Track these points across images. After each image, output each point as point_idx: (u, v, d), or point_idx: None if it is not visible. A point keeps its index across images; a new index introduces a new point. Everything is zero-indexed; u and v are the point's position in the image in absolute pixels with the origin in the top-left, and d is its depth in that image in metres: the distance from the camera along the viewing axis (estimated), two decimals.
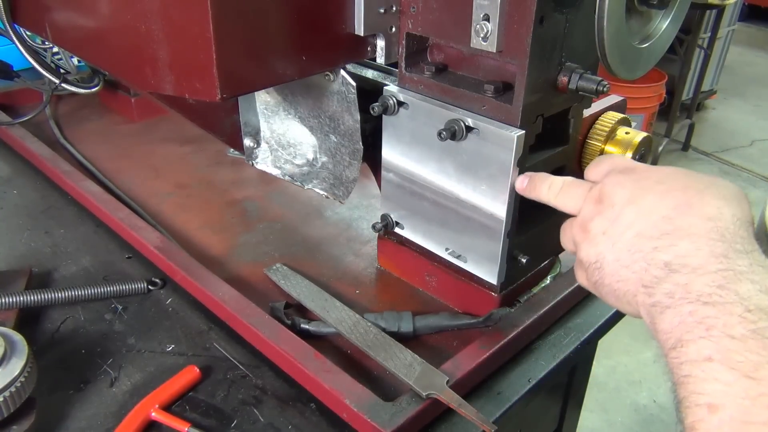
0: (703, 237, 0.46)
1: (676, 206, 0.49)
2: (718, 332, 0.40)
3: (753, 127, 4.19)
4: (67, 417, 0.68)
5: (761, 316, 0.40)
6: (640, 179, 0.53)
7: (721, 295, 0.42)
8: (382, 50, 0.78)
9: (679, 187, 0.50)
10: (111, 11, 0.74)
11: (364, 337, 0.74)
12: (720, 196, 0.49)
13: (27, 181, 1.11)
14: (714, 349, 0.40)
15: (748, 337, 0.39)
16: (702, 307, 0.42)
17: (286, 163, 0.97)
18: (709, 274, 0.43)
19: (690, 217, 0.47)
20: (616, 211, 0.52)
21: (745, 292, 0.41)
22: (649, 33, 0.71)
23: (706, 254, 0.45)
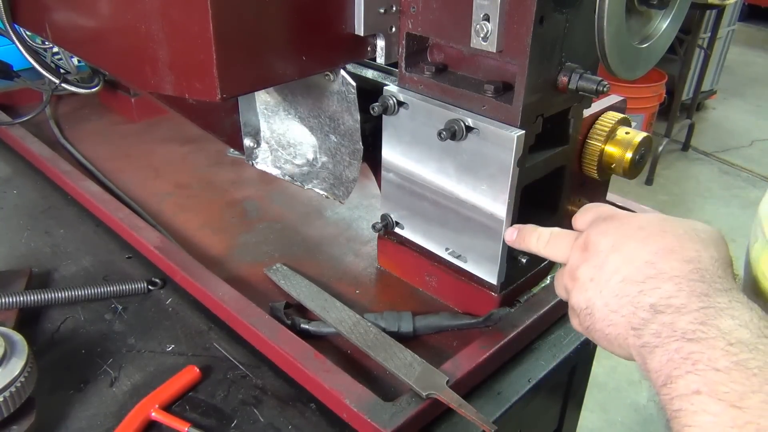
0: (684, 279, 0.48)
1: (657, 251, 0.51)
2: (704, 366, 0.42)
3: (753, 127, 4.19)
4: (67, 417, 0.68)
5: (742, 348, 0.42)
6: (622, 226, 0.55)
7: (704, 331, 0.44)
8: (382, 50, 0.78)
9: (659, 232, 0.53)
10: (111, 11, 0.74)
11: (364, 337, 0.74)
12: (698, 240, 0.51)
13: (27, 181, 1.11)
14: (701, 383, 0.42)
15: (731, 369, 0.41)
16: (687, 344, 0.44)
17: (286, 163, 0.97)
18: (692, 313, 0.46)
19: (671, 261, 0.50)
20: (601, 258, 0.54)
21: (726, 327, 0.43)
22: (649, 33, 0.71)
23: (688, 294, 0.47)
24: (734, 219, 3.17)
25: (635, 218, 0.56)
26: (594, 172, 0.81)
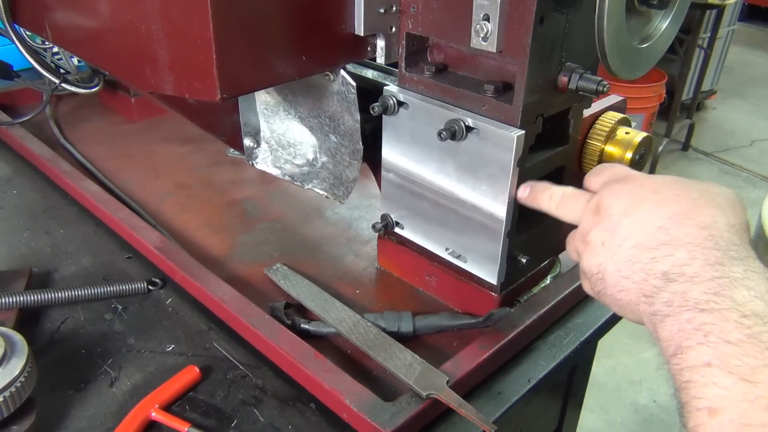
0: (698, 246, 0.47)
1: (671, 216, 0.50)
2: (716, 338, 0.41)
3: (753, 127, 4.19)
4: (67, 417, 0.68)
5: (756, 321, 0.41)
6: (636, 188, 0.54)
7: (717, 302, 0.43)
8: (382, 50, 0.78)
9: (674, 196, 0.51)
10: (111, 11, 0.74)
11: (364, 337, 0.74)
12: (714, 204, 0.50)
13: (27, 181, 1.11)
14: (712, 355, 0.41)
15: (744, 342, 0.40)
16: (699, 314, 0.43)
17: (286, 163, 0.97)
18: (705, 282, 0.44)
19: (685, 226, 0.48)
20: (613, 222, 0.53)
21: (741, 298, 0.42)
22: (649, 33, 0.71)
23: (702, 263, 0.46)
24: None
25: (650, 180, 0.54)
26: None
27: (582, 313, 0.83)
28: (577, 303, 0.84)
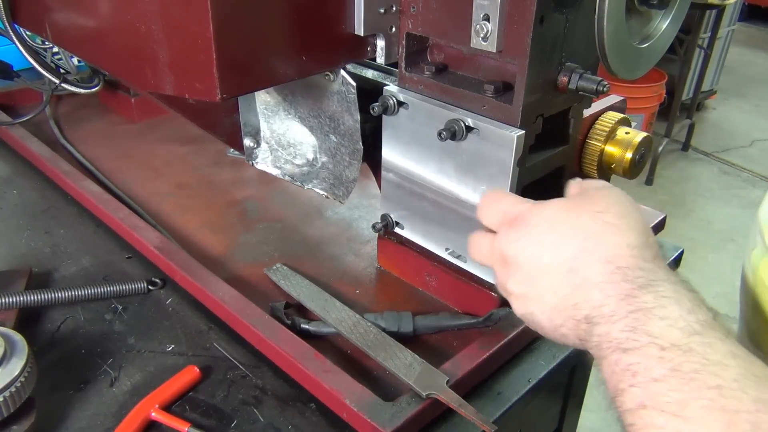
0: (608, 283, 0.47)
1: (575, 256, 0.49)
2: (643, 377, 0.41)
3: (753, 127, 4.19)
4: (67, 417, 0.68)
5: (676, 352, 0.41)
6: (530, 232, 0.53)
7: (636, 339, 0.43)
8: (382, 50, 0.78)
9: (569, 232, 0.51)
10: (111, 11, 0.74)
11: (364, 337, 0.74)
12: (609, 230, 0.49)
13: (27, 181, 1.11)
14: (644, 396, 0.41)
15: (669, 376, 0.40)
16: (623, 355, 0.43)
17: (286, 163, 0.97)
18: (622, 320, 0.45)
19: (591, 264, 0.48)
20: (525, 273, 0.53)
21: (657, 331, 0.43)
22: (649, 33, 0.71)
23: (616, 299, 0.46)
24: (734, 219, 3.17)
25: (541, 219, 0.53)
26: (594, 172, 0.81)
27: None
28: None
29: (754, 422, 0.37)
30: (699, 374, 0.40)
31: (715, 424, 0.37)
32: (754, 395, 0.38)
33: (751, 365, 0.40)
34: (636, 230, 0.49)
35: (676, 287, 0.46)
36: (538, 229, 0.53)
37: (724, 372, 0.39)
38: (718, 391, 0.38)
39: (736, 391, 0.38)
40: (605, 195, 0.53)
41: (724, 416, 0.37)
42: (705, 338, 0.42)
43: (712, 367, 0.40)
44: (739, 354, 0.41)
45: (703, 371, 0.40)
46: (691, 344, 0.41)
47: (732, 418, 0.37)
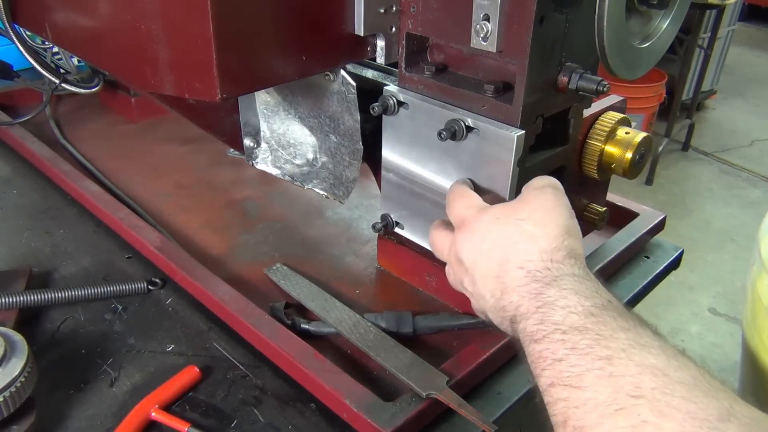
0: (523, 287, 0.54)
1: (500, 263, 0.56)
2: (550, 361, 0.47)
3: (753, 127, 4.18)
4: (67, 417, 0.68)
5: (574, 333, 0.47)
6: (471, 239, 0.60)
7: (543, 329, 0.49)
8: (382, 50, 0.78)
9: (497, 241, 0.58)
10: (111, 11, 0.74)
11: (364, 337, 0.74)
12: (526, 237, 0.56)
13: (27, 181, 1.11)
14: (552, 376, 0.47)
15: (569, 355, 0.46)
16: (536, 345, 0.50)
17: (286, 163, 0.97)
18: (533, 315, 0.51)
19: (510, 272, 0.55)
20: (470, 275, 0.60)
21: (559, 319, 0.49)
22: (649, 33, 0.71)
23: (528, 300, 0.53)
24: (734, 219, 3.17)
25: (479, 226, 0.60)
26: (594, 172, 0.81)
27: None
28: None
29: (636, 384, 0.42)
30: (592, 348, 0.45)
31: (604, 389, 0.43)
32: (637, 361, 0.43)
33: (639, 337, 0.46)
34: (550, 235, 0.56)
35: (577, 279, 0.52)
36: (476, 236, 0.60)
37: (613, 344, 0.45)
38: (608, 360, 0.44)
39: (623, 360, 0.44)
40: (533, 200, 0.59)
41: (612, 381, 0.43)
42: (599, 318, 0.48)
43: (604, 341, 0.46)
44: (628, 327, 0.47)
45: (596, 346, 0.45)
46: (587, 324, 0.47)
47: (618, 382, 0.42)
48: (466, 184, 0.69)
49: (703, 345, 2.39)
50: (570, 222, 0.58)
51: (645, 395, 0.41)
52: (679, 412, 0.39)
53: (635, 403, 0.41)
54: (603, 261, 0.87)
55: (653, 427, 0.39)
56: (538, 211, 0.58)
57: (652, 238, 0.98)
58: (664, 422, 0.39)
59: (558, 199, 0.59)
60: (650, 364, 0.43)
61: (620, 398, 0.41)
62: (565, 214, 0.58)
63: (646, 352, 0.44)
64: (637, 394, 0.41)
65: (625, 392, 0.41)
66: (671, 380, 0.41)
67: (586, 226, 0.88)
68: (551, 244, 0.55)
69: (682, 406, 0.39)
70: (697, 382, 0.41)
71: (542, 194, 0.59)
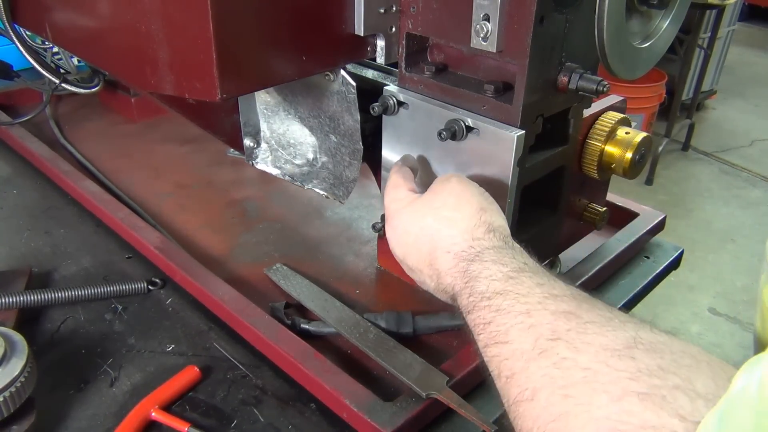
0: (452, 269, 0.59)
1: (429, 252, 0.61)
2: (482, 325, 0.52)
3: (753, 127, 4.18)
4: (67, 417, 0.68)
5: (498, 298, 0.52)
6: (396, 234, 0.66)
7: (473, 301, 0.54)
8: (382, 50, 0.78)
9: (420, 233, 0.62)
10: (111, 11, 0.74)
11: (364, 337, 0.74)
12: (446, 223, 0.61)
13: (27, 181, 1.11)
14: (486, 339, 0.51)
15: (495, 317, 0.51)
16: (469, 316, 0.55)
17: (286, 163, 0.97)
18: (464, 292, 0.56)
19: (439, 258, 0.60)
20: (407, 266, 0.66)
21: (483, 289, 0.54)
22: (649, 33, 0.71)
23: (459, 280, 0.57)
24: (734, 219, 3.17)
25: (399, 222, 0.65)
26: (594, 172, 0.81)
27: None
28: None
29: (552, 329, 0.46)
30: (513, 307, 0.50)
31: (527, 338, 0.47)
32: (552, 309, 0.48)
33: (552, 289, 0.51)
34: (467, 215, 0.60)
35: (496, 250, 0.57)
36: (399, 231, 0.65)
37: (531, 299, 0.50)
38: (527, 314, 0.49)
39: (540, 310, 0.48)
40: (442, 189, 0.63)
41: (532, 331, 0.47)
42: (517, 280, 0.53)
43: (523, 298, 0.50)
44: (542, 283, 0.52)
45: (516, 303, 0.50)
46: (506, 288, 0.52)
47: (537, 330, 0.47)
48: (403, 171, 0.71)
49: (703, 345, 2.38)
50: (481, 198, 0.62)
51: (561, 337, 0.45)
52: (592, 345, 0.43)
53: (553, 345, 0.45)
54: (603, 261, 0.87)
55: (571, 362, 0.43)
56: (449, 197, 0.62)
57: (652, 238, 0.98)
58: (580, 356, 0.43)
59: (463, 183, 0.63)
60: (564, 310, 0.48)
61: (540, 343, 0.46)
62: (475, 194, 0.62)
63: (560, 300, 0.49)
64: (554, 337, 0.46)
65: (544, 337, 0.46)
66: (583, 321, 0.46)
67: (586, 226, 0.88)
68: (470, 222, 0.60)
69: (594, 340, 0.44)
70: (607, 320, 0.46)
71: (448, 183, 0.64)
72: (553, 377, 0.44)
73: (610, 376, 0.40)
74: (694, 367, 0.39)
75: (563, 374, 0.43)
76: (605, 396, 0.39)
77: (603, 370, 0.41)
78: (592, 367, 0.42)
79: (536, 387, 0.44)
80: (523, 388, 0.45)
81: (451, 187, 0.63)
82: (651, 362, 0.40)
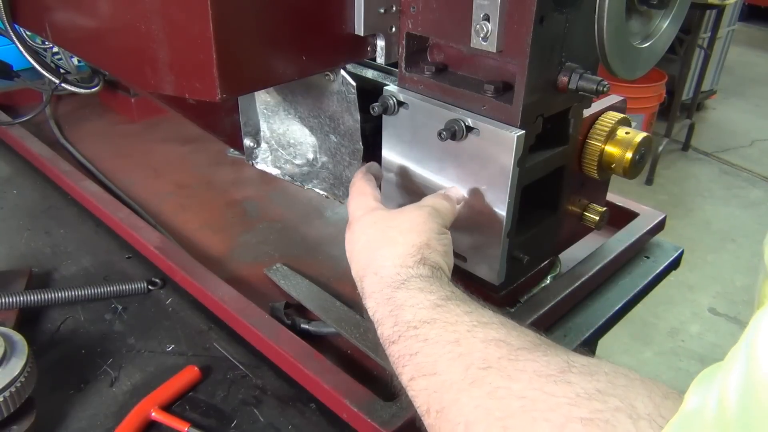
0: (377, 292, 0.57)
1: (363, 266, 0.60)
2: (408, 356, 0.50)
3: (753, 127, 4.18)
4: (67, 417, 0.68)
5: (425, 327, 0.50)
6: (351, 239, 0.64)
7: (398, 331, 0.52)
8: (382, 50, 0.78)
9: (365, 244, 0.62)
10: (111, 11, 0.74)
11: (364, 337, 0.74)
12: (387, 242, 0.59)
13: (27, 181, 1.11)
14: (412, 371, 0.49)
15: (423, 347, 0.49)
16: (394, 346, 0.52)
17: (286, 163, 0.97)
18: (387, 320, 0.54)
19: (368, 277, 0.59)
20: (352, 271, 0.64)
21: (409, 317, 0.52)
22: (649, 33, 0.71)
23: (383, 305, 0.55)
24: (734, 219, 3.17)
25: (356, 227, 0.64)
26: (594, 172, 0.81)
27: (582, 313, 0.83)
28: (577, 303, 0.84)
29: (483, 357, 0.45)
30: (441, 336, 0.49)
31: (456, 368, 0.46)
32: (481, 337, 0.47)
33: (481, 316, 0.49)
34: (409, 243, 0.59)
35: (422, 279, 0.55)
36: (354, 236, 0.64)
37: (460, 327, 0.49)
38: (456, 343, 0.47)
39: (469, 339, 0.47)
40: (409, 212, 0.63)
41: (462, 360, 0.46)
42: (444, 308, 0.51)
43: (451, 326, 0.49)
44: (471, 311, 0.50)
45: (444, 333, 0.49)
46: (434, 316, 0.51)
47: (467, 360, 0.45)
48: (366, 178, 0.71)
49: (703, 345, 2.39)
50: (436, 237, 0.61)
51: (492, 365, 0.44)
52: (525, 372, 0.42)
53: (485, 374, 0.44)
54: (603, 261, 0.87)
55: (505, 390, 0.42)
56: (406, 221, 0.61)
57: (652, 238, 0.98)
58: (513, 384, 0.42)
59: (429, 217, 0.62)
60: (493, 337, 0.46)
61: (471, 372, 0.44)
62: (433, 230, 0.61)
63: (489, 328, 0.48)
64: (485, 366, 0.44)
65: (475, 366, 0.44)
66: (513, 348, 0.45)
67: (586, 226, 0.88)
68: (407, 250, 0.58)
69: (527, 366, 0.42)
70: (536, 346, 0.45)
71: (419, 210, 0.63)
72: (488, 408, 0.42)
73: (548, 403, 0.39)
74: (629, 386, 0.38)
75: (499, 404, 0.41)
76: (546, 425, 0.38)
77: (540, 397, 0.40)
78: (528, 395, 0.40)
79: (470, 420, 0.42)
80: (455, 423, 0.43)
81: (416, 214, 0.62)
82: (588, 385, 0.39)
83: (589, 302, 0.85)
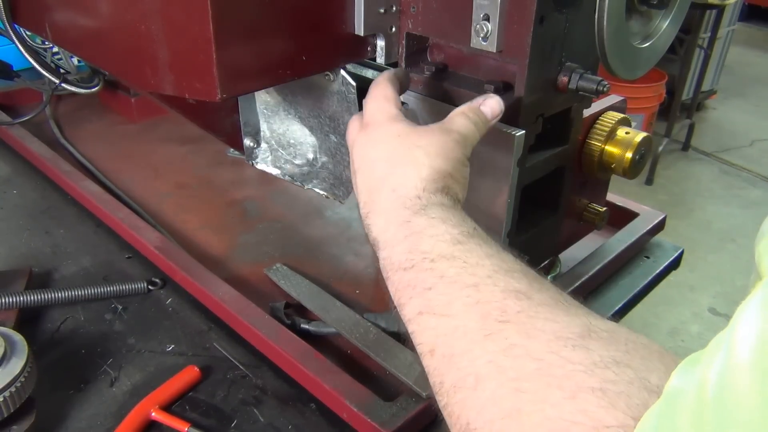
0: (390, 211, 0.53)
1: (373, 182, 0.56)
2: (420, 289, 0.47)
3: (753, 127, 4.18)
4: (67, 417, 0.68)
5: (442, 261, 0.47)
6: (367, 144, 0.59)
7: (412, 259, 0.49)
8: (382, 50, 0.78)
9: (385, 155, 0.56)
10: (111, 11, 0.74)
11: (364, 337, 0.74)
12: (409, 161, 0.55)
13: (27, 181, 1.11)
14: (422, 305, 0.46)
15: (438, 283, 0.46)
16: (404, 273, 0.49)
17: (286, 163, 0.97)
18: (401, 244, 0.50)
19: (381, 193, 0.54)
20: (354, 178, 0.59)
21: (428, 248, 0.48)
22: (649, 33, 0.71)
23: (395, 226, 0.51)
24: (734, 219, 3.17)
25: (378, 134, 0.58)
26: (594, 172, 0.81)
27: None
28: None
29: (501, 309, 0.42)
30: (460, 276, 0.45)
31: (472, 315, 0.43)
32: (502, 286, 0.44)
33: (503, 262, 0.46)
34: (435, 168, 0.54)
35: (444, 208, 0.52)
36: (370, 143, 0.59)
37: (479, 271, 0.45)
38: (475, 288, 0.44)
39: (489, 286, 0.44)
40: (438, 135, 0.57)
41: (479, 308, 0.43)
42: (466, 246, 0.48)
43: (471, 268, 0.46)
44: (492, 254, 0.47)
45: (463, 273, 0.46)
46: (454, 253, 0.47)
47: (485, 308, 0.43)
48: (392, 82, 0.65)
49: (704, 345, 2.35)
50: (459, 170, 0.56)
51: (511, 319, 0.42)
52: (544, 332, 0.40)
53: (502, 328, 0.41)
54: (603, 261, 0.87)
55: (521, 349, 0.40)
56: (434, 146, 0.56)
57: (652, 238, 0.98)
58: (531, 343, 0.40)
59: (458, 147, 0.57)
60: (514, 288, 0.44)
61: (488, 324, 0.42)
62: (459, 160, 0.57)
63: (510, 276, 0.45)
64: (503, 319, 0.42)
65: (492, 318, 0.42)
66: (534, 303, 0.43)
67: (586, 226, 0.88)
68: (432, 176, 0.54)
69: (547, 326, 0.40)
70: (558, 303, 0.43)
71: (447, 135, 0.58)
72: (502, 366, 0.40)
73: (564, 369, 0.37)
74: (647, 358, 0.37)
75: (513, 364, 0.39)
76: (559, 393, 0.36)
77: (557, 362, 0.38)
78: (545, 358, 0.38)
79: (481, 374, 0.40)
80: (464, 374, 0.41)
81: (444, 139, 0.57)
82: (605, 354, 0.37)
83: (588, 302, 0.84)
